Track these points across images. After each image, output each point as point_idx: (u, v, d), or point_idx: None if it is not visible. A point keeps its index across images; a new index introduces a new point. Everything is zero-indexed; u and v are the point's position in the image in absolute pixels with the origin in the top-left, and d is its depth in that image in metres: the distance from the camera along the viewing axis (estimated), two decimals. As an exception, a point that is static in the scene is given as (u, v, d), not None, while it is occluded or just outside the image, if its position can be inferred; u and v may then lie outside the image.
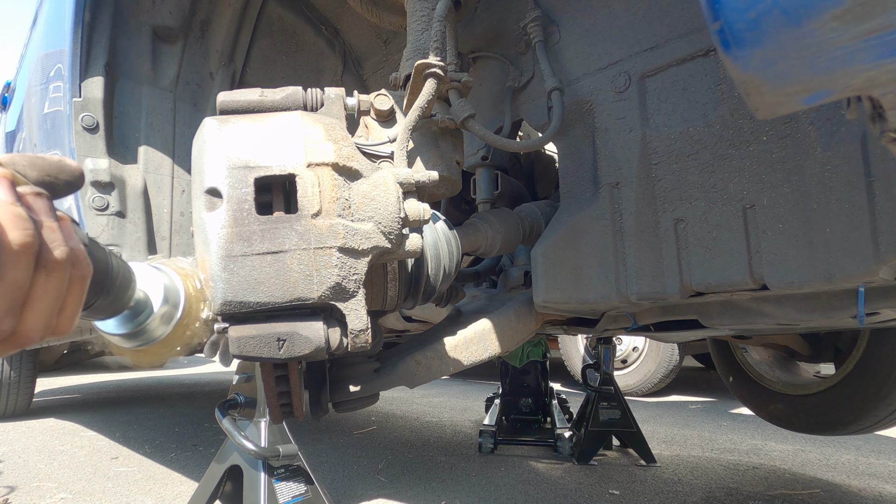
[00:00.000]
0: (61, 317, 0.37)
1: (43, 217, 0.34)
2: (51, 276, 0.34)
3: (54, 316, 0.36)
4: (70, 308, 0.37)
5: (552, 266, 1.04)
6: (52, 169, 0.39)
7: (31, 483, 2.04)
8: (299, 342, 0.65)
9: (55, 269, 0.35)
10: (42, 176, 0.38)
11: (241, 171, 0.64)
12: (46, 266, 0.34)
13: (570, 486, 1.86)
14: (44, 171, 0.38)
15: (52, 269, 0.34)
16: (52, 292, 0.35)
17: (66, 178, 0.40)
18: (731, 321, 0.98)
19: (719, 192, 0.83)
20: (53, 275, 0.35)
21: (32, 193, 0.34)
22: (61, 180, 0.39)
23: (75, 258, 0.37)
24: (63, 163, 0.39)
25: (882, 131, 0.42)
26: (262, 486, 1.18)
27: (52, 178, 0.38)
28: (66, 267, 0.36)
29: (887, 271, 0.69)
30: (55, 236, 0.35)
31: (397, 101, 0.92)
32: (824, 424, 1.80)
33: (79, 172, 0.41)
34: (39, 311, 0.34)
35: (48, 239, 0.34)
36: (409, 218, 0.74)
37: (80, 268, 0.37)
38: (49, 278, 0.34)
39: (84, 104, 1.29)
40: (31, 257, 0.33)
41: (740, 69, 0.39)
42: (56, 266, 0.35)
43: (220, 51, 1.52)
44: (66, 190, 0.40)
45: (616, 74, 0.96)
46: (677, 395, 4.17)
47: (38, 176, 0.37)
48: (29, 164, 0.37)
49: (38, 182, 0.37)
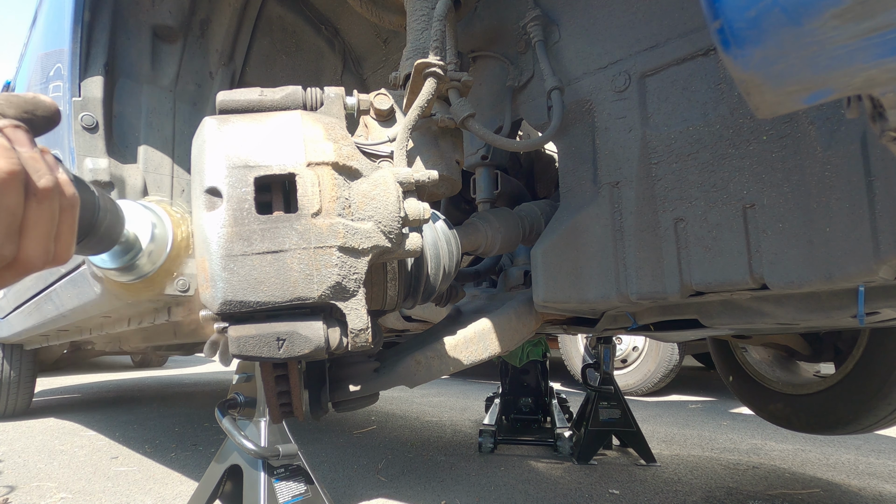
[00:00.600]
0: (58, 243, 0.39)
1: (24, 148, 0.36)
2: (41, 204, 0.36)
3: (51, 242, 0.38)
4: (65, 235, 0.39)
5: (552, 266, 1.04)
6: (27, 105, 0.40)
7: (31, 483, 2.04)
8: (299, 342, 0.65)
9: (44, 196, 0.36)
10: (19, 113, 0.39)
11: (240, 171, 0.64)
12: (36, 194, 0.36)
13: (570, 486, 1.86)
14: (20, 108, 0.39)
15: (42, 197, 0.36)
16: (45, 218, 0.37)
17: (43, 113, 0.41)
18: (731, 321, 0.98)
19: (719, 192, 0.83)
20: (44, 202, 0.36)
21: (11, 126, 0.36)
22: (39, 116, 0.40)
23: (62, 186, 0.38)
24: (38, 99, 0.41)
25: (882, 130, 0.41)
26: (262, 485, 1.18)
27: (30, 114, 0.40)
28: (55, 194, 0.37)
29: (887, 271, 0.68)
30: (39, 166, 0.36)
31: (397, 101, 0.92)
32: (824, 424, 1.80)
33: (54, 108, 0.42)
34: (36, 236, 0.36)
35: (33, 168, 0.36)
36: (409, 217, 0.74)
37: (67, 196, 0.39)
38: (40, 205, 0.36)
39: (83, 104, 1.29)
40: (19, 184, 0.34)
41: (740, 68, 0.39)
42: (45, 193, 0.36)
43: (219, 50, 1.52)
44: (45, 126, 0.41)
45: (616, 74, 0.96)
46: (677, 394, 4.17)
47: (15, 113, 0.39)
48: (5, 102, 0.39)
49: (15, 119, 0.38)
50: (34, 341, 3.30)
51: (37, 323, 2.36)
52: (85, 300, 1.54)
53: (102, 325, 2.28)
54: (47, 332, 2.76)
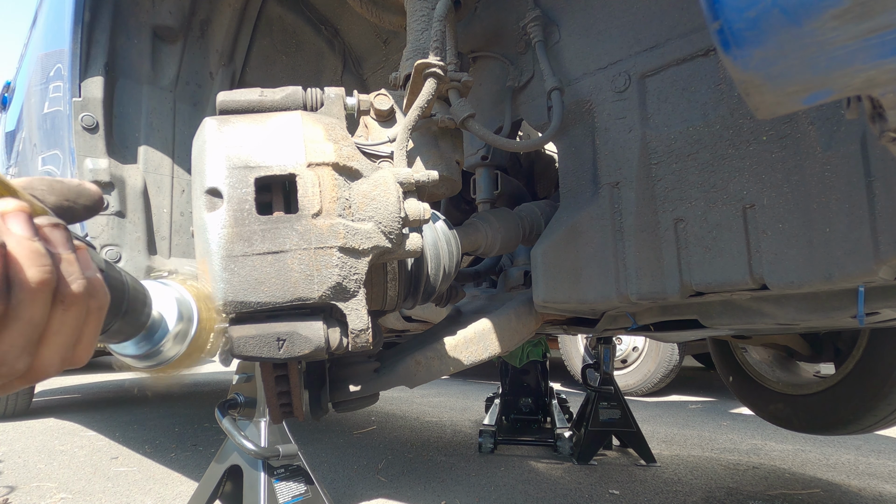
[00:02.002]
0: (78, 348, 0.35)
1: (60, 250, 0.33)
2: (68, 311, 0.33)
3: (71, 349, 0.35)
4: (87, 339, 0.36)
5: (552, 266, 1.04)
6: (70, 193, 0.37)
7: (31, 483, 2.04)
8: (299, 342, 0.65)
9: (73, 302, 0.33)
10: (60, 200, 0.36)
11: (241, 171, 0.64)
12: (64, 301, 0.33)
13: (570, 486, 1.86)
14: (62, 196, 0.36)
15: (70, 304, 0.33)
16: (69, 326, 0.34)
17: (85, 202, 0.38)
18: (731, 321, 0.98)
19: (719, 192, 0.83)
20: (71, 309, 0.33)
21: (50, 225, 0.33)
22: (80, 205, 0.38)
23: (92, 289, 0.35)
24: (83, 187, 0.38)
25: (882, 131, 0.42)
26: (262, 486, 1.18)
27: (71, 202, 0.37)
28: (84, 300, 0.34)
29: (887, 271, 0.69)
30: (73, 269, 0.33)
31: (397, 101, 0.92)
32: (824, 424, 1.80)
33: (98, 196, 0.39)
34: (56, 346, 0.33)
35: (65, 272, 0.33)
36: (410, 218, 0.74)
37: (98, 298, 0.36)
38: (66, 313, 0.33)
39: (84, 104, 1.29)
40: (48, 294, 0.31)
41: (740, 69, 0.39)
42: (74, 300, 0.33)
43: (219, 51, 1.52)
44: (85, 215, 0.38)
45: (616, 74, 0.96)
46: (677, 395, 4.17)
47: (56, 201, 0.36)
48: (48, 189, 0.36)
49: (56, 207, 0.36)
50: (34, 341, 3.29)
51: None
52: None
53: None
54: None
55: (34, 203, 0.33)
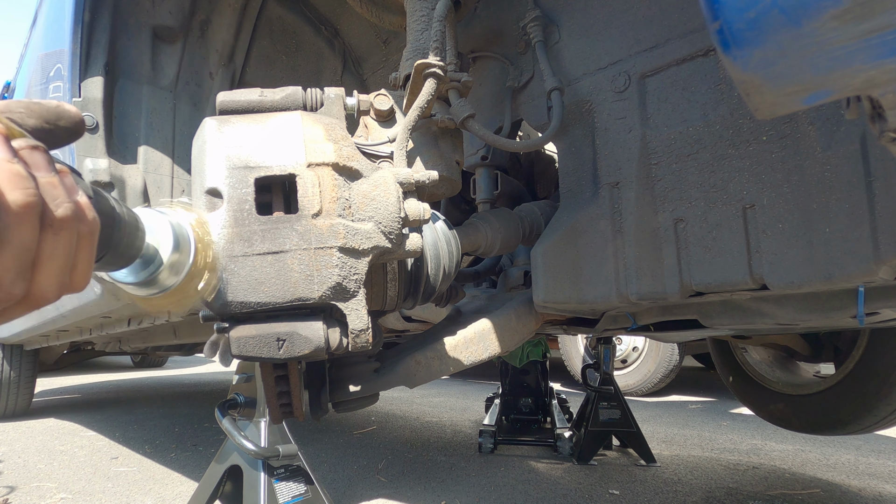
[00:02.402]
0: (74, 273, 0.35)
1: (42, 172, 0.32)
2: (58, 235, 0.33)
3: (67, 273, 0.34)
4: (82, 264, 0.36)
5: (552, 266, 1.04)
6: (50, 115, 0.36)
7: (31, 483, 2.04)
8: (299, 342, 0.65)
9: (62, 226, 0.33)
10: (40, 123, 0.36)
11: (241, 172, 0.64)
12: (53, 224, 0.32)
13: (570, 486, 1.86)
14: (41, 118, 0.36)
15: (59, 228, 0.33)
16: (61, 250, 0.33)
17: (65, 124, 0.37)
18: (731, 321, 0.98)
19: (719, 192, 0.83)
20: (61, 233, 0.33)
21: (29, 147, 0.32)
22: (61, 127, 0.37)
23: (80, 213, 0.35)
24: (61, 108, 0.37)
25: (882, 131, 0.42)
26: (262, 486, 1.18)
27: (51, 125, 0.36)
28: (73, 223, 0.34)
29: (887, 271, 0.69)
30: (57, 192, 0.33)
31: (397, 101, 0.92)
32: (824, 424, 1.80)
33: (78, 118, 0.38)
34: (51, 270, 0.33)
35: (50, 196, 0.32)
36: (409, 218, 0.74)
37: (87, 223, 0.35)
38: (56, 237, 0.33)
39: (84, 104, 1.29)
40: (34, 217, 0.31)
41: (740, 69, 0.39)
42: (62, 224, 0.33)
43: (219, 51, 1.52)
44: (66, 138, 0.38)
45: (616, 74, 0.96)
46: (677, 395, 4.17)
47: (35, 123, 0.35)
48: (26, 112, 0.35)
49: (35, 130, 0.35)
50: (34, 342, 3.30)
51: (37, 323, 2.36)
52: (85, 300, 1.54)
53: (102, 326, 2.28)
54: (47, 333, 2.76)
55: (11, 126, 0.33)
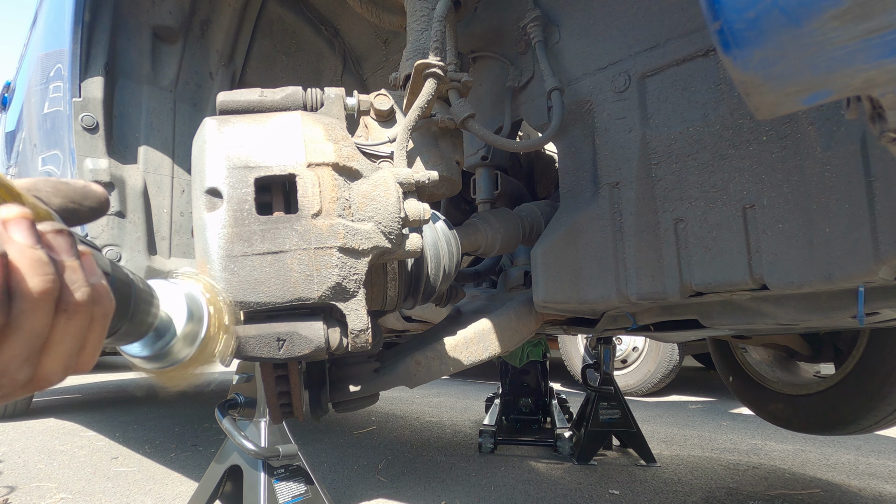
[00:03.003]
0: (82, 355, 0.34)
1: (64, 257, 0.31)
2: (71, 319, 0.32)
3: (74, 356, 0.33)
4: (91, 346, 0.35)
5: (552, 266, 1.04)
6: (76, 195, 0.36)
7: (31, 483, 2.04)
8: (299, 342, 0.65)
9: (76, 311, 0.32)
10: (65, 203, 0.35)
11: (241, 171, 0.64)
12: (67, 310, 0.31)
13: (570, 486, 1.86)
14: (67, 198, 0.35)
15: (74, 312, 0.32)
16: (72, 335, 0.32)
17: (91, 204, 0.37)
18: (731, 321, 0.98)
19: (719, 192, 0.83)
20: (75, 317, 0.32)
21: (53, 231, 0.31)
22: (85, 206, 0.37)
23: (97, 296, 0.34)
24: (88, 188, 0.37)
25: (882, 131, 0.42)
26: (262, 486, 1.18)
27: (77, 204, 0.36)
28: (88, 307, 0.33)
29: (887, 271, 0.69)
30: (76, 276, 0.32)
31: (397, 101, 0.92)
32: (824, 424, 1.80)
33: (104, 198, 0.38)
34: (59, 354, 0.32)
35: (69, 280, 0.31)
36: (409, 218, 0.74)
37: (102, 305, 0.34)
38: (70, 321, 0.32)
39: (84, 104, 1.29)
40: (51, 303, 0.30)
41: (740, 69, 0.39)
42: (77, 308, 0.32)
43: (219, 51, 1.52)
44: (90, 217, 0.37)
45: (616, 74, 0.96)
46: (677, 395, 4.17)
47: (61, 203, 0.35)
48: (52, 191, 0.34)
49: (61, 209, 0.35)
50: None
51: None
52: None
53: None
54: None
55: (38, 207, 0.32)
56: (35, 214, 0.31)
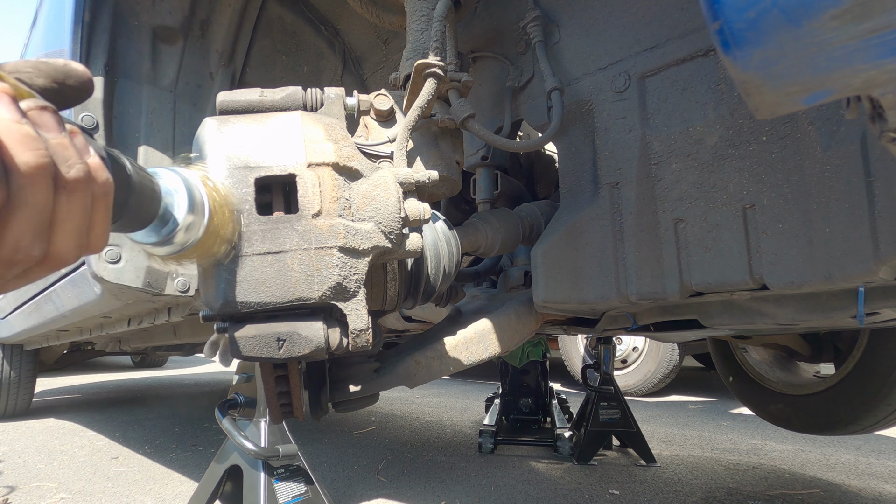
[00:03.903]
0: (91, 234, 0.35)
1: (52, 133, 0.32)
2: (72, 196, 0.33)
3: (84, 234, 0.35)
4: (98, 225, 0.36)
5: (552, 266, 1.04)
6: (57, 74, 0.36)
7: (31, 483, 2.04)
8: (299, 342, 0.65)
9: (75, 187, 0.33)
10: (48, 83, 0.35)
11: (241, 172, 0.64)
12: (66, 186, 0.32)
13: (570, 486, 1.86)
14: (49, 78, 0.35)
15: (73, 189, 0.33)
16: (76, 211, 0.33)
17: (73, 83, 0.37)
18: (731, 321, 0.98)
19: (719, 192, 0.83)
20: (75, 194, 0.33)
21: (37, 108, 0.32)
22: (69, 86, 0.36)
23: (94, 174, 0.35)
24: (69, 66, 0.37)
25: (882, 131, 0.42)
26: (262, 486, 1.18)
27: (59, 84, 0.36)
28: (86, 184, 0.34)
29: (887, 271, 0.69)
30: (68, 153, 0.32)
31: (397, 101, 0.92)
32: (824, 424, 1.80)
33: (86, 77, 0.38)
34: (68, 231, 0.33)
35: (62, 157, 0.32)
36: (410, 218, 0.74)
37: (101, 183, 0.35)
38: (71, 198, 0.33)
39: (83, 104, 1.29)
40: (47, 178, 0.31)
41: (740, 69, 0.39)
42: (75, 185, 0.33)
43: (220, 51, 1.52)
44: (76, 97, 0.37)
45: (616, 74, 0.96)
46: (677, 395, 4.17)
47: (44, 83, 0.35)
48: (34, 72, 0.35)
49: (44, 89, 0.35)
50: (34, 342, 3.30)
51: (37, 323, 2.36)
52: (85, 300, 1.54)
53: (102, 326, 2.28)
54: (47, 333, 2.76)
55: (19, 87, 0.32)
56: (17, 93, 0.31)
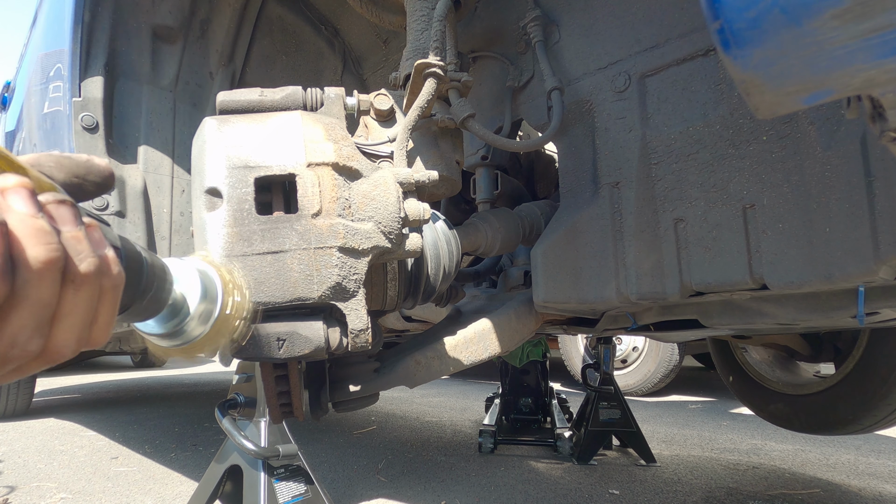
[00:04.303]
0: (94, 328, 0.34)
1: (67, 227, 0.31)
2: (79, 290, 0.32)
3: (86, 329, 0.34)
4: (103, 319, 0.35)
5: (552, 266, 1.04)
6: (79, 170, 0.36)
7: (31, 483, 2.04)
8: (299, 342, 0.65)
9: (83, 282, 0.32)
10: (69, 177, 0.35)
11: (241, 171, 0.64)
12: (74, 280, 0.31)
13: (570, 486, 1.86)
14: (71, 173, 0.35)
15: (81, 283, 0.32)
16: (81, 306, 0.32)
17: (95, 178, 0.37)
18: (731, 321, 0.98)
19: (719, 192, 0.83)
20: (82, 288, 0.32)
21: (56, 202, 0.31)
22: (90, 181, 0.36)
23: (105, 268, 0.34)
24: (91, 162, 0.37)
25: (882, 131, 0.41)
26: (262, 486, 1.18)
27: (80, 179, 0.36)
28: (96, 279, 0.33)
29: (887, 271, 0.69)
30: (81, 247, 0.32)
31: (397, 101, 0.92)
32: (824, 424, 1.80)
33: (108, 172, 0.38)
34: (69, 326, 0.32)
35: (74, 250, 0.31)
36: (409, 218, 0.74)
37: (111, 277, 0.34)
38: (77, 292, 0.32)
39: (84, 104, 1.29)
40: (56, 273, 0.30)
41: (740, 69, 0.39)
42: (84, 279, 0.32)
43: (219, 51, 1.52)
44: (95, 192, 0.37)
45: (616, 74, 0.96)
46: (677, 395, 4.17)
47: (64, 178, 0.35)
48: (55, 165, 0.34)
49: (64, 184, 0.35)
50: (34, 341, 3.29)
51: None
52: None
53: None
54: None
55: (40, 179, 0.32)
56: (37, 186, 0.31)
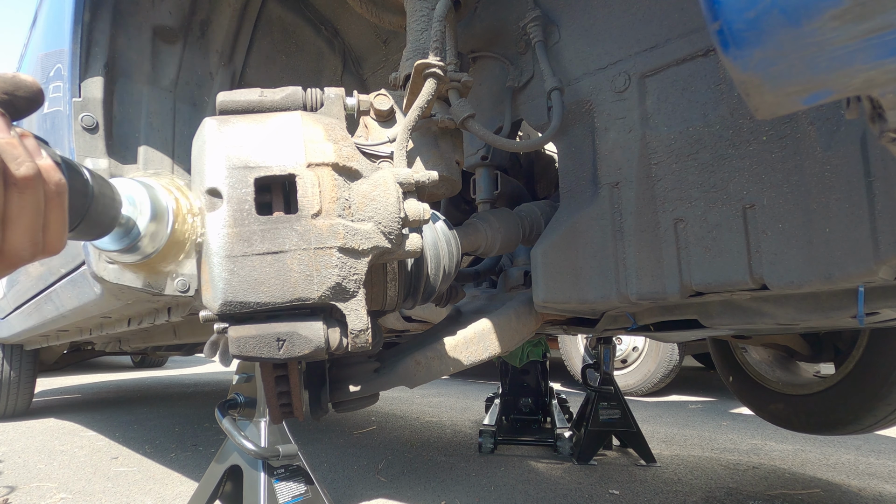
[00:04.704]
0: (47, 234, 0.37)
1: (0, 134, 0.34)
2: (23, 193, 0.34)
3: (39, 233, 0.36)
4: (54, 224, 0.37)
5: (552, 266, 1.04)
6: (6, 86, 0.37)
7: (31, 483, 2.04)
8: (299, 342, 0.65)
9: (25, 185, 0.34)
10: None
11: (241, 172, 0.64)
12: (16, 183, 0.34)
13: (570, 486, 1.86)
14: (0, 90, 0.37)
15: (23, 186, 0.34)
16: (28, 209, 0.35)
17: (24, 93, 0.38)
18: (731, 321, 0.98)
19: (719, 192, 0.83)
20: (26, 191, 0.34)
21: None
22: (20, 97, 0.38)
23: (45, 174, 0.36)
24: (18, 78, 0.38)
25: (882, 131, 0.42)
26: (262, 486, 1.18)
27: (10, 95, 0.37)
28: (37, 183, 0.35)
29: (887, 271, 0.69)
30: (17, 152, 0.34)
31: (397, 101, 0.92)
32: (824, 424, 1.80)
33: (36, 88, 0.39)
34: (21, 228, 0.35)
35: (10, 155, 0.34)
36: (409, 218, 0.74)
37: (53, 183, 0.37)
38: (21, 195, 0.34)
39: (84, 104, 1.29)
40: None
41: (740, 69, 0.39)
42: (25, 182, 0.34)
43: (219, 51, 1.52)
44: (27, 107, 0.39)
45: (616, 74, 0.96)
46: (677, 395, 4.17)
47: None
48: None
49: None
50: (34, 342, 3.30)
51: (37, 323, 2.36)
52: (85, 300, 1.54)
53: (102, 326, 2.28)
54: (47, 333, 2.76)
55: None
56: None
